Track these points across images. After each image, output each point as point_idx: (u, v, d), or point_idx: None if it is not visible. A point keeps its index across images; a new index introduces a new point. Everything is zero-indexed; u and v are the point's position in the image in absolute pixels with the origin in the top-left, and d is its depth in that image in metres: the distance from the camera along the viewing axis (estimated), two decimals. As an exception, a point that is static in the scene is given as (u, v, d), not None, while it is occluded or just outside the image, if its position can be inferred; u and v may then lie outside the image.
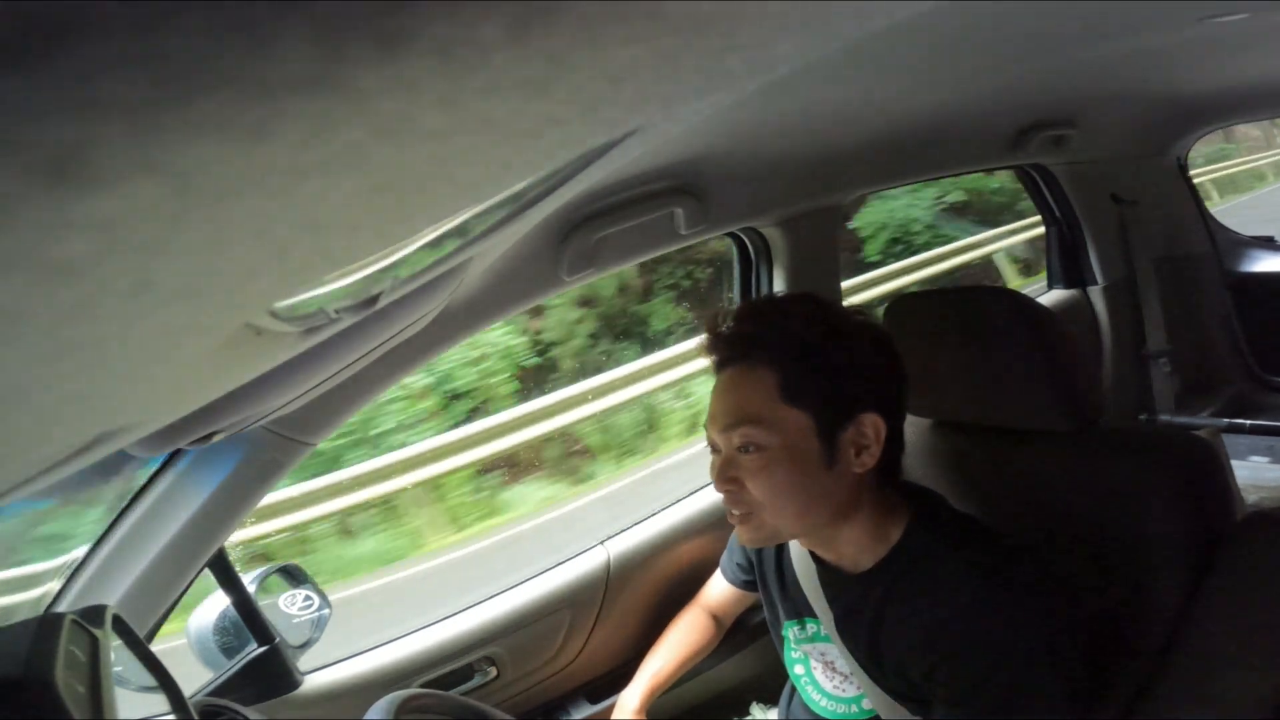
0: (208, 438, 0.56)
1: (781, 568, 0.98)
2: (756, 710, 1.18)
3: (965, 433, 0.97)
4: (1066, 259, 1.86)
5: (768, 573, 1.00)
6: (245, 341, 0.29)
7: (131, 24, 0.11)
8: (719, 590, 1.14)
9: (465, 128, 0.18)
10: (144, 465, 0.87)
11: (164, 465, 0.85)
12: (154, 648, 0.72)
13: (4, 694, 0.37)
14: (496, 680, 1.10)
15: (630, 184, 0.99)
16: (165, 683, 0.54)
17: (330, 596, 1.02)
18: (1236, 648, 0.76)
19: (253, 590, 0.94)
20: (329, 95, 0.14)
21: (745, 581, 1.10)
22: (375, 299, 0.36)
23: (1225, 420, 1.77)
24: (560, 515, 3.36)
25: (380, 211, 0.20)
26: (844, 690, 0.98)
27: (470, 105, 0.17)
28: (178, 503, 0.84)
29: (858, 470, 0.76)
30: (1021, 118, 1.47)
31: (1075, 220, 1.83)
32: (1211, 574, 0.79)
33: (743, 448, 0.76)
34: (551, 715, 1.16)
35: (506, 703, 1.11)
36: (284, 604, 0.98)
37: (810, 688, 1.00)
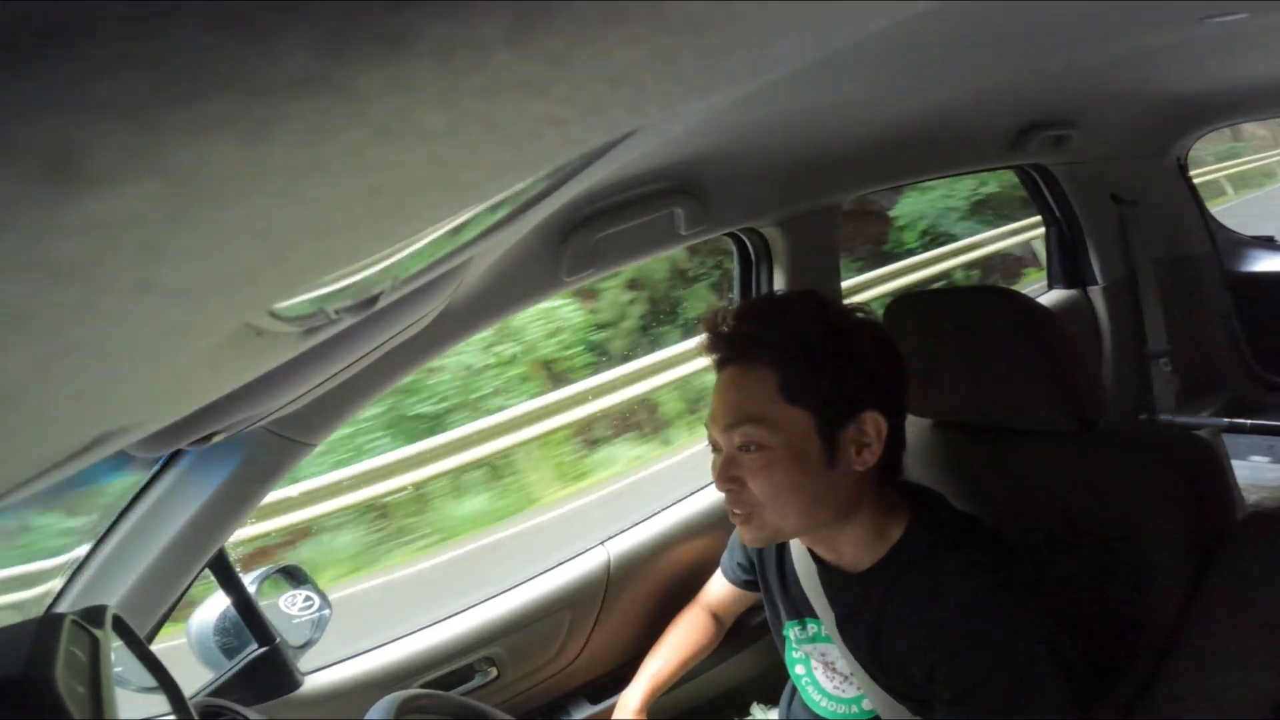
0: (208, 438, 0.56)
1: (782, 567, 0.98)
2: (757, 710, 1.18)
3: (965, 433, 0.97)
4: (1067, 259, 1.86)
5: (769, 572, 1.00)
6: (245, 342, 0.29)
7: (131, 24, 0.11)
8: (720, 590, 1.14)
9: (465, 128, 0.18)
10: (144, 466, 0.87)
11: (164, 465, 0.85)
12: (154, 648, 0.72)
13: (4, 694, 0.37)
14: (497, 680, 1.10)
15: (630, 184, 0.99)
16: (165, 683, 0.54)
17: (472, 545, 1.04)
18: (1236, 648, 0.76)
19: (253, 591, 0.94)
20: (329, 95, 0.14)
21: (746, 581, 1.10)
22: (375, 299, 0.36)
23: (1225, 420, 1.77)
24: (651, 473, 3.64)
25: (380, 211, 0.20)
26: (844, 691, 0.98)
27: (470, 105, 0.17)
28: (178, 503, 0.84)
29: (859, 469, 0.76)
30: (1022, 118, 1.47)
31: (1075, 220, 1.83)
32: (1211, 574, 0.79)
33: (744, 447, 0.76)
34: (552, 715, 1.16)
35: (507, 703, 1.11)
36: (284, 605, 0.99)
37: (811, 688, 1.00)
